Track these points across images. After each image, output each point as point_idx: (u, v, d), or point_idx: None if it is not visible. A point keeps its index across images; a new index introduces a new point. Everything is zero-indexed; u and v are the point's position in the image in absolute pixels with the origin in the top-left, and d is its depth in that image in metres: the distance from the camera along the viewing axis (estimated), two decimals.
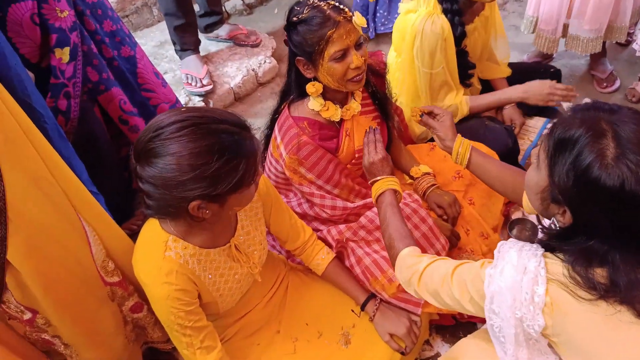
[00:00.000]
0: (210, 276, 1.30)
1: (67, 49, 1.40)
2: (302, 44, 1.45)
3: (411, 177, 1.84)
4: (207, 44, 2.93)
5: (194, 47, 2.68)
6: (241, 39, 2.95)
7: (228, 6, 3.34)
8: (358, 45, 1.46)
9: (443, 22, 1.84)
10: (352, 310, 1.57)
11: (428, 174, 1.82)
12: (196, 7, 2.85)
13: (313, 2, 1.44)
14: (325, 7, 1.41)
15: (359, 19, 1.43)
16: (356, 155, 1.67)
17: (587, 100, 2.44)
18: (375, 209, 1.58)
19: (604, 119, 0.90)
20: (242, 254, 1.37)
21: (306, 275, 1.66)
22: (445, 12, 1.85)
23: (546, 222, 1.14)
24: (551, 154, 0.94)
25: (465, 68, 2.03)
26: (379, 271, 1.54)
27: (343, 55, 1.44)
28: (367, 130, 1.57)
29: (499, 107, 2.19)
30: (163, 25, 2.67)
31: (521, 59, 2.85)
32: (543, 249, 0.99)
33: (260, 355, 1.50)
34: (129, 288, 1.42)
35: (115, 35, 1.62)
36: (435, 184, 1.79)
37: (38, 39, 1.35)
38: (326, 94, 1.58)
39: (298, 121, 1.58)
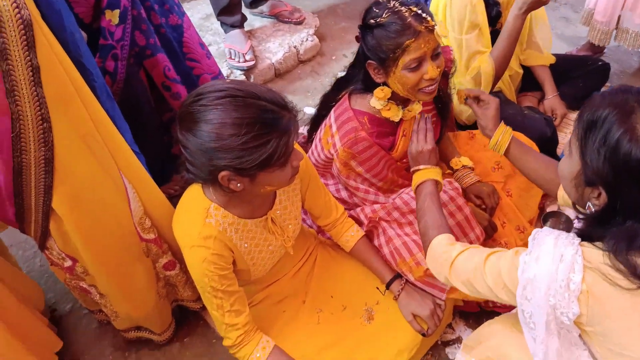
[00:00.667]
0: (246, 245, 1.34)
1: (117, 11, 1.43)
2: (376, 49, 1.39)
3: (450, 169, 1.83)
4: (252, 19, 2.95)
5: (239, 23, 2.71)
6: (285, 16, 2.96)
7: None
8: (435, 55, 1.40)
9: None
10: (377, 288, 1.58)
11: (468, 167, 1.80)
12: None
13: (394, 5, 1.35)
14: (407, 14, 1.33)
15: (441, 30, 1.35)
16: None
17: None
18: (412, 193, 1.56)
19: (632, 98, 0.91)
20: (277, 227, 1.40)
21: (334, 251, 1.68)
22: None
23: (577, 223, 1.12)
24: (581, 136, 0.96)
25: None
26: (408, 253, 1.54)
27: (418, 65, 1.38)
28: (419, 117, 1.51)
29: (541, 98, 2.13)
30: None
31: (570, 52, 2.76)
32: (580, 239, 0.98)
33: (286, 322, 1.54)
34: (163, 246, 1.47)
35: (164, 2, 1.64)
36: (477, 179, 1.77)
37: None
38: (391, 95, 1.51)
39: (358, 115, 1.53)
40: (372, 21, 1.37)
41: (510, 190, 1.80)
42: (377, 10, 1.38)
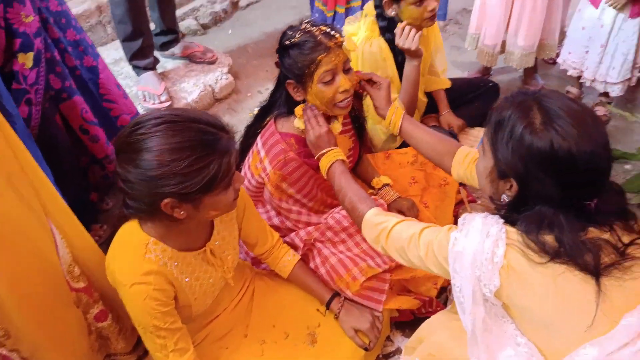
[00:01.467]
0: (187, 279, 1.32)
1: (30, 54, 1.40)
2: (293, 67, 1.50)
3: (372, 188, 1.93)
4: (164, 62, 2.96)
5: (152, 65, 2.71)
6: (197, 56, 2.99)
7: (182, 26, 3.38)
8: (347, 70, 1.53)
9: (381, 43, 1.98)
10: (318, 310, 1.61)
11: (388, 185, 1.91)
12: (152, 26, 2.88)
13: (305, 27, 1.50)
14: (317, 33, 1.47)
15: (349, 45, 1.50)
16: None
17: None
18: (342, 212, 1.64)
19: (529, 98, 1.05)
20: (217, 259, 1.39)
21: (271, 280, 1.70)
22: (388, 41, 1.98)
23: None
24: (492, 136, 1.09)
25: None
26: (344, 269, 1.60)
27: (332, 79, 1.50)
28: (304, 108, 1.59)
29: (439, 116, 2.35)
30: (118, 42, 2.68)
31: (463, 76, 3.05)
32: (503, 220, 1.09)
33: (229, 358, 1.51)
34: (94, 295, 1.41)
35: (78, 44, 1.63)
36: (397, 196, 1.89)
37: (2, 42, 1.35)
38: None
39: (285, 137, 1.61)
40: (287, 42, 1.50)
41: (427, 202, 1.94)
42: (291, 33, 1.51)
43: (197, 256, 1.34)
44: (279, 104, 1.63)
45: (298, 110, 1.58)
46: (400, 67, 2.03)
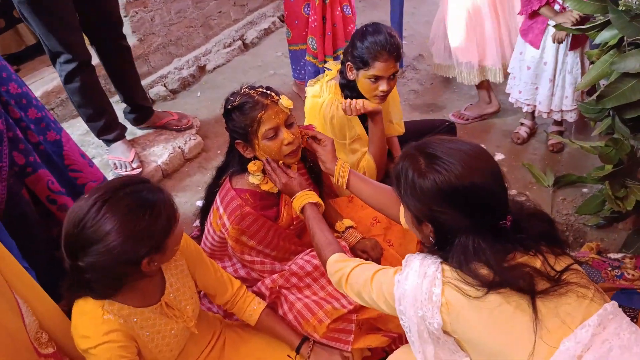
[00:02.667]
0: (147, 333, 1.36)
1: None
2: (238, 128, 1.61)
3: (336, 231, 2.00)
4: (132, 128, 3.04)
5: (120, 136, 2.79)
6: (173, 124, 3.07)
7: (152, 93, 3.50)
8: (289, 125, 1.64)
9: None
10: (289, 356, 1.64)
11: (351, 227, 1.99)
12: (124, 105, 2.99)
13: (244, 90, 1.63)
14: (254, 94, 1.60)
15: (285, 102, 1.62)
16: (294, 222, 1.82)
17: None
18: (305, 257, 1.71)
19: (415, 148, 1.19)
20: (174, 310, 1.43)
21: (242, 330, 1.72)
22: (346, 97, 2.11)
23: None
24: (397, 189, 1.21)
25: None
26: (310, 313, 1.64)
27: (275, 134, 1.60)
28: (264, 163, 1.68)
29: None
30: None
31: (422, 118, 3.20)
32: (441, 259, 1.16)
33: None
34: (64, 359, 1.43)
35: (40, 121, 1.72)
36: (361, 237, 1.95)
37: None
38: (265, 168, 1.70)
39: (240, 193, 1.69)
40: (229, 107, 1.63)
41: (391, 240, 2.01)
42: (232, 98, 1.64)
43: (154, 310, 1.39)
44: (233, 163, 1.74)
45: (251, 166, 1.68)
46: (364, 122, 2.16)
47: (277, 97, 1.61)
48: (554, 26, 2.34)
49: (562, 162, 2.87)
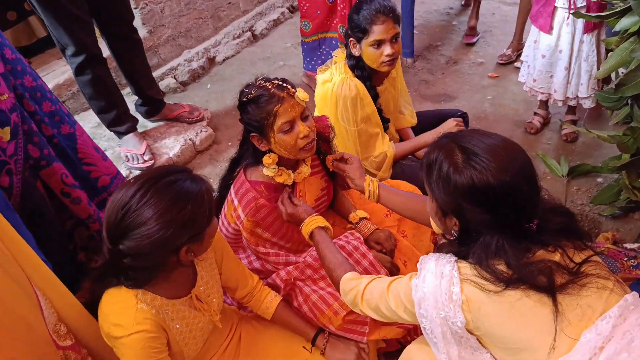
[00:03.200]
0: (177, 326, 1.37)
1: (7, 129, 1.48)
2: (253, 121, 1.59)
3: (350, 223, 2.00)
4: (144, 120, 3.05)
5: (132, 128, 2.79)
6: (185, 117, 3.07)
7: (162, 85, 3.50)
8: (304, 118, 1.62)
9: (357, 84, 2.09)
10: (304, 347, 1.64)
11: (365, 218, 1.98)
12: (135, 98, 2.99)
13: (259, 83, 1.59)
14: (270, 86, 1.57)
15: (301, 94, 1.60)
16: None
17: None
18: None
19: (451, 141, 1.15)
20: (203, 303, 1.45)
21: (258, 322, 1.72)
22: (357, 78, 2.10)
23: None
24: (426, 179, 1.18)
25: (382, 122, 2.27)
26: (325, 305, 1.64)
27: (291, 127, 1.58)
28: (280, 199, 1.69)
29: None
30: None
31: (434, 108, 3.17)
32: (456, 257, 1.15)
33: None
34: (82, 351, 1.44)
35: (54, 114, 1.72)
36: (375, 228, 1.94)
37: None
38: (280, 160, 1.70)
39: (255, 185, 1.69)
40: (244, 99, 1.60)
41: (405, 231, 2.00)
42: (247, 90, 1.61)
43: (184, 303, 1.40)
44: (247, 155, 1.72)
45: (266, 159, 1.66)
46: (375, 102, 2.15)
47: (294, 90, 1.59)
48: (573, 13, 2.29)
49: (576, 152, 2.84)
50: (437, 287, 1.11)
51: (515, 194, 1.07)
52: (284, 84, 1.60)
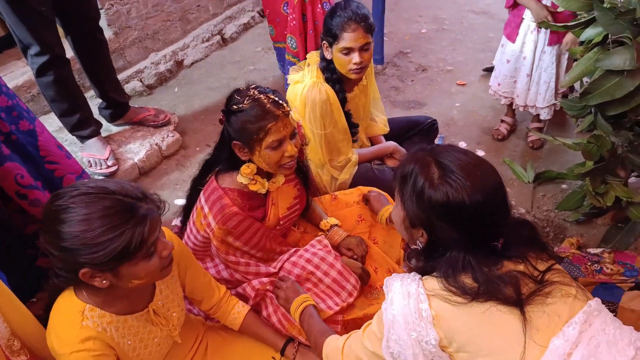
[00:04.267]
0: (129, 342, 1.30)
1: None
2: (241, 131, 1.54)
3: (321, 230, 1.97)
4: (108, 125, 2.96)
5: (95, 133, 2.69)
6: (150, 120, 2.98)
7: (127, 88, 3.40)
8: (292, 135, 1.59)
9: (327, 89, 2.07)
10: (273, 358, 1.60)
11: (336, 225, 1.96)
12: (99, 101, 2.90)
13: (253, 93, 1.53)
14: (266, 101, 1.52)
15: (295, 116, 1.57)
16: (280, 222, 1.78)
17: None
18: (292, 259, 1.70)
19: (428, 154, 1.15)
20: (161, 318, 1.38)
21: (225, 332, 1.67)
22: (327, 81, 2.09)
23: None
24: (399, 189, 1.17)
25: (350, 127, 2.26)
26: None
27: (279, 145, 1.56)
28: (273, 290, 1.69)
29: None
30: None
31: (404, 114, 3.19)
32: (420, 275, 1.15)
33: None
34: None
35: (12, 109, 1.62)
36: (346, 235, 1.93)
37: None
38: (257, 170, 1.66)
39: (228, 192, 1.63)
40: (235, 107, 1.53)
41: (376, 238, 1.98)
42: (238, 98, 1.54)
43: (139, 318, 1.33)
44: (221, 160, 1.67)
45: (245, 169, 1.62)
46: (343, 107, 2.14)
47: (288, 109, 1.56)
48: (539, 23, 2.34)
49: (542, 159, 2.89)
50: (405, 306, 1.09)
51: (486, 214, 1.08)
52: (280, 101, 1.55)
